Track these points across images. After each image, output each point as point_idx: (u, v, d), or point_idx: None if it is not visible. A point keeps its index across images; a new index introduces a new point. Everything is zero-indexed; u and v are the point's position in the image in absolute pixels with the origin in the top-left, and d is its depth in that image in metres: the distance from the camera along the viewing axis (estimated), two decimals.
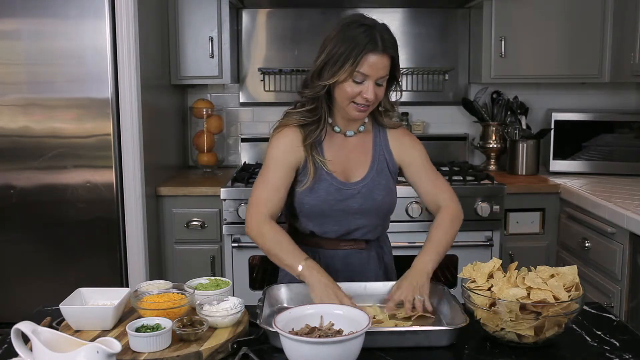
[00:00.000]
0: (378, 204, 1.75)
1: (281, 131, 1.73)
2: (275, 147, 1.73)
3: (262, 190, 1.71)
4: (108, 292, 1.50)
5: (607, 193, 2.70)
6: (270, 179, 1.70)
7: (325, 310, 1.32)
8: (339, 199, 1.72)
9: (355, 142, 1.78)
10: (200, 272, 2.76)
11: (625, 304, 2.37)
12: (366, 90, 1.62)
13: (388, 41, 1.64)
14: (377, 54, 1.61)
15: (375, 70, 1.61)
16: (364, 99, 1.63)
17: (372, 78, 1.62)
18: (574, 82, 3.34)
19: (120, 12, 2.57)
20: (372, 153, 1.78)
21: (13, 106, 2.64)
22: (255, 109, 3.55)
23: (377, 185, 1.75)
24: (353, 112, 1.67)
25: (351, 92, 1.63)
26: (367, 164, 1.77)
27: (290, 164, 1.71)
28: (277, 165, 1.71)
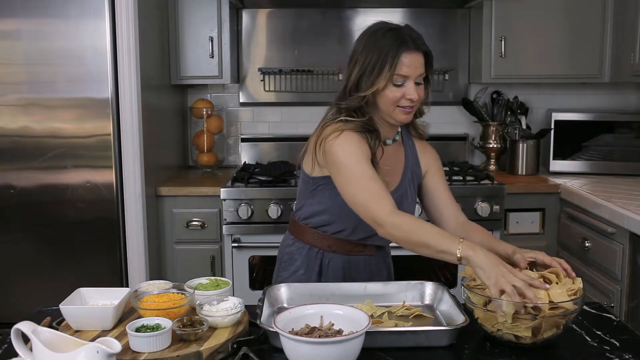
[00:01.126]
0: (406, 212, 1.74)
1: (342, 134, 1.63)
2: (349, 145, 1.61)
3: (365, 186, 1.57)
4: (108, 292, 1.50)
5: (607, 193, 2.70)
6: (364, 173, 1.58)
7: (325, 310, 1.32)
8: None
9: (390, 151, 1.76)
10: (200, 272, 2.76)
11: (625, 304, 2.37)
12: (409, 92, 1.62)
13: (418, 38, 1.64)
14: (412, 52, 1.61)
15: (413, 69, 1.61)
16: (408, 100, 1.62)
17: (412, 78, 1.62)
18: (574, 82, 3.34)
19: (120, 12, 2.57)
20: (404, 163, 1.78)
21: (13, 106, 2.64)
22: (255, 109, 3.55)
23: (407, 197, 1.76)
24: (400, 116, 1.65)
25: (394, 96, 1.62)
26: (400, 174, 1.76)
27: (368, 158, 1.62)
28: (361, 159, 1.60)
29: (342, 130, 1.63)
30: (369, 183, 1.57)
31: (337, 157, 1.61)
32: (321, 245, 1.78)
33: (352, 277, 1.78)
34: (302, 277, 1.80)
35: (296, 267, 1.82)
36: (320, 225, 1.77)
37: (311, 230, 1.79)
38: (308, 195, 1.76)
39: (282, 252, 1.89)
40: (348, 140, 1.62)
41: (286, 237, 1.90)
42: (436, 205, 1.81)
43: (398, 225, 1.50)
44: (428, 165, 1.82)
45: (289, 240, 1.87)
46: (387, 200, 1.55)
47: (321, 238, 1.77)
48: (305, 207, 1.79)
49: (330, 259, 1.78)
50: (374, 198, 1.55)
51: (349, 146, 1.61)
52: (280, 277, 1.86)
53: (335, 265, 1.78)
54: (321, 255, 1.79)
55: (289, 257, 1.85)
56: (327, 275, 1.79)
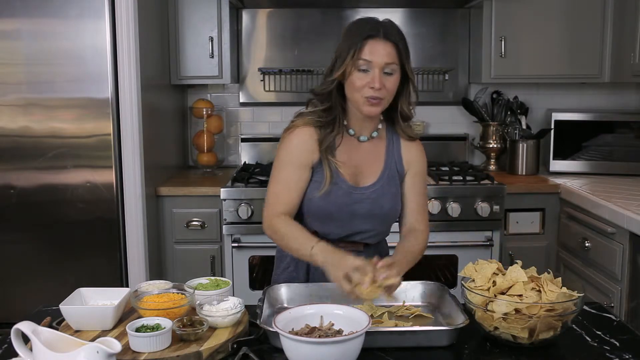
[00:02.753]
0: (385, 211, 1.75)
1: (294, 131, 1.72)
2: (288, 146, 1.71)
3: (275, 188, 1.71)
4: (108, 292, 1.50)
5: (607, 193, 2.70)
6: (283, 179, 1.71)
7: (325, 310, 1.32)
8: (347, 203, 1.71)
9: (368, 148, 1.77)
10: (200, 272, 2.76)
11: (625, 304, 2.37)
12: (372, 79, 1.61)
13: (391, 29, 1.65)
14: (379, 39, 1.62)
15: (377, 55, 1.61)
16: (372, 89, 1.62)
17: (377, 65, 1.61)
18: (574, 82, 3.34)
19: (120, 12, 2.57)
20: (385, 160, 1.77)
21: (13, 106, 2.64)
22: (255, 109, 3.55)
23: (386, 193, 1.75)
24: (364, 107, 1.65)
25: (359, 83, 1.63)
26: (379, 171, 1.76)
27: (304, 164, 1.70)
28: (291, 165, 1.70)
29: (296, 127, 1.72)
30: (273, 188, 1.72)
31: (277, 155, 1.75)
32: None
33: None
34: (292, 273, 1.81)
35: (286, 264, 1.84)
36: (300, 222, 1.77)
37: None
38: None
39: (276, 250, 1.92)
40: (292, 140, 1.71)
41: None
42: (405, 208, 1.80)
43: (271, 229, 1.68)
44: (409, 165, 1.80)
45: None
46: (278, 206, 1.69)
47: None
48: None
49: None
50: (270, 202, 1.71)
51: (288, 146, 1.72)
52: (275, 276, 1.87)
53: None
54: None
55: (280, 255, 1.88)
56: (315, 270, 1.79)
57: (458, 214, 2.82)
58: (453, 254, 2.88)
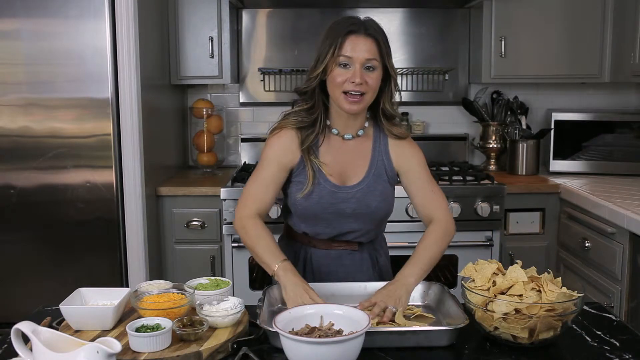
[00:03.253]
0: (372, 209, 1.74)
1: (278, 132, 1.74)
2: (270, 147, 1.74)
3: (251, 187, 1.74)
4: (108, 292, 1.50)
5: (607, 193, 2.70)
6: (260, 177, 1.73)
7: (325, 310, 1.32)
8: (332, 202, 1.71)
9: (353, 146, 1.76)
10: (200, 272, 2.76)
11: (625, 304, 2.37)
12: (353, 75, 1.61)
13: (371, 26, 1.66)
14: (359, 35, 1.63)
15: (357, 51, 1.62)
16: (352, 84, 1.61)
17: (358, 60, 1.62)
18: (574, 82, 3.34)
19: (120, 12, 2.57)
20: (371, 158, 1.76)
21: (13, 106, 2.64)
22: (255, 109, 3.55)
23: (373, 191, 1.74)
24: (345, 104, 1.65)
25: (340, 79, 1.63)
26: (365, 169, 1.75)
27: (282, 164, 1.72)
28: (270, 164, 1.72)
29: (281, 129, 1.73)
30: (250, 185, 1.74)
31: (262, 154, 1.76)
32: (302, 240, 1.82)
33: (334, 271, 1.78)
34: None
35: None
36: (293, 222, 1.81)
37: (290, 227, 1.84)
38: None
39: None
40: (274, 142, 1.73)
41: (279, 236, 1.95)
42: (415, 206, 1.80)
43: (244, 229, 1.69)
44: (400, 164, 1.78)
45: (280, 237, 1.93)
46: (252, 204, 1.71)
47: (300, 234, 1.81)
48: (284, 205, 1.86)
49: (311, 253, 1.80)
50: (242, 200, 1.74)
51: (268, 149, 1.74)
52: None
53: (317, 259, 1.79)
54: (304, 250, 1.81)
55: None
56: (310, 269, 1.80)
57: (458, 214, 2.82)
58: (453, 254, 2.88)
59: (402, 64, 3.45)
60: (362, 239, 1.79)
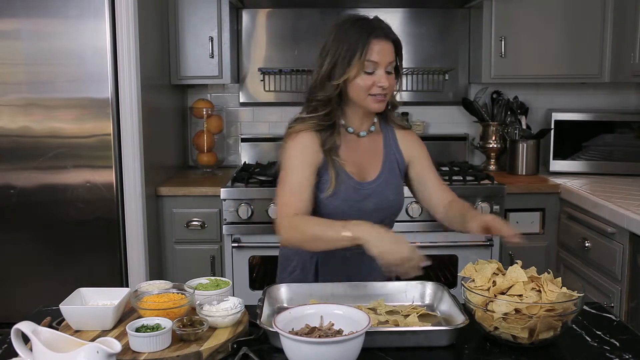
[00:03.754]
0: (391, 203, 1.77)
1: (296, 136, 1.71)
2: (293, 150, 1.70)
3: (285, 196, 1.67)
4: (108, 292, 1.50)
5: (607, 193, 2.70)
6: (293, 181, 1.67)
7: (325, 310, 1.32)
8: (357, 199, 1.72)
9: (367, 142, 1.79)
10: (200, 272, 2.76)
11: (625, 304, 2.37)
12: (379, 79, 1.65)
13: (387, 28, 1.70)
14: (381, 40, 1.65)
15: (383, 56, 1.65)
16: (380, 88, 1.66)
17: (382, 65, 1.65)
18: (574, 82, 3.34)
19: (120, 12, 2.57)
20: (384, 152, 1.80)
21: (13, 106, 2.64)
22: (255, 109, 3.55)
23: (390, 185, 1.77)
24: (372, 105, 1.69)
25: (365, 84, 1.66)
26: (379, 164, 1.78)
27: (310, 164, 1.69)
28: (298, 167, 1.68)
29: (298, 132, 1.71)
30: (287, 192, 1.66)
31: (284, 161, 1.71)
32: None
33: (349, 274, 1.78)
34: (298, 277, 1.81)
35: (292, 268, 1.83)
36: None
37: None
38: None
39: (280, 254, 1.91)
40: (296, 145, 1.70)
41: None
42: (424, 191, 1.84)
43: (289, 228, 1.60)
44: (410, 153, 1.83)
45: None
46: (291, 210, 1.62)
47: None
48: None
49: (324, 258, 1.79)
50: (282, 208, 1.65)
51: (293, 151, 1.70)
52: (279, 279, 1.87)
53: (332, 263, 1.79)
54: (317, 254, 1.79)
55: (285, 259, 1.87)
56: (324, 273, 1.79)
57: None
58: (453, 254, 2.88)
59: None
60: None
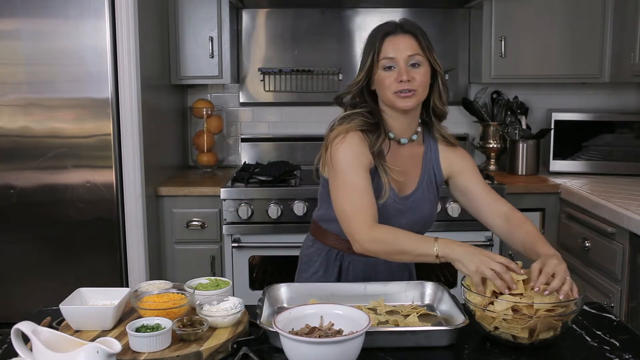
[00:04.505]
0: (425, 218, 1.73)
1: (347, 136, 1.63)
2: (347, 152, 1.62)
3: (352, 199, 1.59)
4: (108, 292, 1.49)
5: (607, 193, 2.70)
6: (355, 184, 1.59)
7: (325, 310, 1.32)
8: (393, 214, 1.66)
9: (408, 152, 1.73)
10: (200, 272, 2.76)
11: (625, 304, 2.37)
12: (399, 74, 1.60)
13: (407, 24, 1.64)
14: (396, 35, 1.62)
15: (397, 50, 1.61)
16: (401, 84, 1.60)
17: (400, 60, 1.61)
18: (574, 82, 3.34)
19: (120, 12, 2.57)
20: (422, 165, 1.74)
21: (13, 106, 2.64)
22: (255, 109, 3.55)
23: (426, 200, 1.73)
24: (399, 103, 1.62)
25: (387, 81, 1.62)
26: (417, 176, 1.73)
27: (365, 165, 1.62)
28: (357, 169, 1.61)
29: (347, 132, 1.63)
30: (356, 195, 1.58)
31: (337, 163, 1.62)
32: (341, 247, 1.76)
33: (372, 279, 1.75)
34: (321, 278, 1.79)
35: (315, 269, 1.81)
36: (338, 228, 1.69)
37: (331, 233, 1.77)
38: (326, 198, 1.72)
39: (302, 254, 1.88)
40: (350, 146, 1.62)
41: (307, 238, 1.89)
42: (473, 204, 1.74)
43: (374, 240, 1.54)
44: (451, 168, 1.75)
45: (309, 241, 1.87)
46: (368, 216, 1.56)
47: (340, 241, 1.74)
48: (323, 209, 1.78)
49: (350, 261, 1.77)
50: (356, 213, 1.57)
51: (350, 153, 1.61)
52: (300, 279, 1.84)
53: (356, 267, 1.76)
54: (341, 257, 1.77)
55: (308, 259, 1.84)
56: (346, 277, 1.77)
57: (458, 214, 2.81)
58: None
59: None
60: None
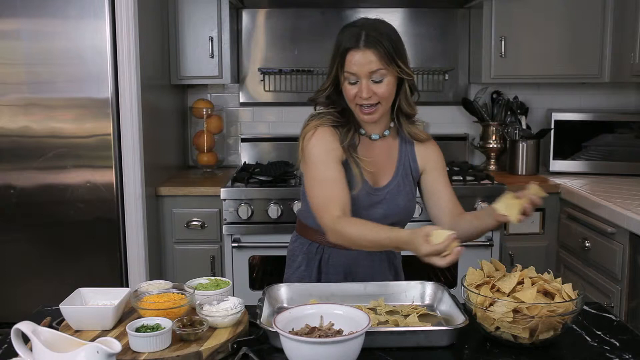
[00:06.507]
0: (401, 209, 1.75)
1: (317, 131, 1.68)
2: (317, 146, 1.66)
3: (322, 191, 1.63)
4: (108, 292, 1.50)
5: (607, 193, 2.70)
6: (326, 177, 1.64)
7: (325, 310, 1.32)
8: (366, 205, 1.70)
9: (381, 146, 1.76)
10: (200, 272, 2.76)
11: (625, 304, 2.37)
12: (360, 90, 1.62)
13: (371, 37, 1.61)
14: (357, 50, 1.61)
15: (360, 67, 1.61)
16: (362, 99, 1.63)
17: (362, 75, 1.62)
18: (574, 82, 3.34)
19: (120, 12, 2.57)
20: (398, 158, 1.77)
21: (13, 106, 2.64)
22: (255, 109, 3.55)
23: (401, 192, 1.75)
24: (362, 116, 1.67)
25: (350, 94, 1.65)
26: (392, 169, 1.76)
27: (338, 159, 1.66)
28: (328, 161, 1.65)
29: (317, 127, 1.68)
30: (327, 187, 1.62)
31: (308, 157, 1.67)
32: (320, 240, 1.78)
33: (353, 272, 1.78)
34: (303, 273, 1.81)
35: (298, 264, 1.83)
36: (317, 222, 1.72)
37: (311, 228, 1.80)
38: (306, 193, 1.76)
39: (288, 250, 1.91)
40: (320, 139, 1.67)
41: (292, 235, 1.92)
42: (433, 202, 1.79)
43: (339, 232, 1.56)
44: (426, 163, 1.80)
45: (293, 237, 1.90)
46: (337, 206, 1.59)
47: (320, 234, 1.76)
48: (303, 204, 1.82)
49: (330, 254, 1.79)
50: (326, 204, 1.60)
51: (320, 146, 1.66)
52: (287, 275, 1.87)
53: (336, 260, 1.78)
54: (321, 250, 1.79)
55: (292, 254, 1.87)
56: (327, 270, 1.79)
57: None
58: None
59: None
60: None
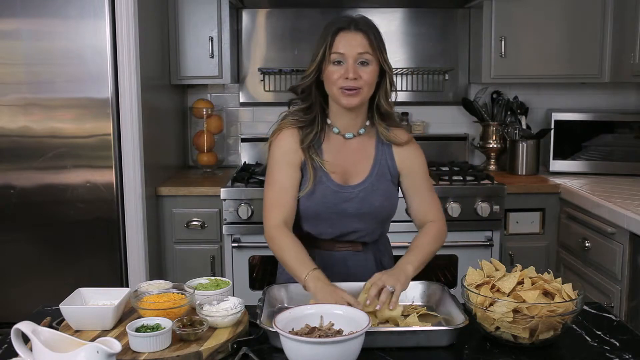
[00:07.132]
0: (376, 208, 1.74)
1: (279, 134, 1.74)
2: (276, 149, 1.73)
3: (269, 195, 1.71)
4: (108, 292, 1.50)
5: (607, 193, 2.70)
6: (276, 181, 1.71)
7: (325, 310, 1.32)
8: (334, 202, 1.71)
9: (356, 145, 1.77)
10: (200, 272, 2.76)
11: (625, 304, 2.37)
12: (346, 70, 1.63)
13: (361, 23, 1.67)
14: (348, 31, 1.65)
15: (349, 47, 1.63)
16: (347, 81, 1.63)
17: (350, 56, 1.63)
18: (574, 82, 3.34)
19: (120, 12, 2.57)
20: (374, 157, 1.76)
21: (13, 106, 2.64)
22: (255, 109, 3.55)
23: (376, 190, 1.74)
24: (342, 99, 1.66)
25: (335, 76, 1.65)
26: (368, 168, 1.75)
27: (292, 163, 1.71)
28: (281, 166, 1.71)
29: (281, 130, 1.74)
30: (275, 191, 1.70)
31: (269, 158, 1.75)
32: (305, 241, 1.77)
33: (339, 272, 1.76)
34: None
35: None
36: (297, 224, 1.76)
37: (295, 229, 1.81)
38: None
39: None
40: (280, 143, 1.73)
41: None
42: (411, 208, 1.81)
43: (271, 240, 1.67)
44: (404, 164, 1.78)
45: None
46: (275, 214, 1.68)
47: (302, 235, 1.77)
48: None
49: (314, 255, 1.77)
50: (270, 208, 1.70)
51: (278, 150, 1.73)
52: (278, 274, 1.87)
53: (321, 261, 1.77)
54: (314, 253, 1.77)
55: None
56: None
57: (458, 214, 2.82)
58: (453, 254, 2.88)
59: (402, 64, 3.45)
60: (365, 239, 1.79)
